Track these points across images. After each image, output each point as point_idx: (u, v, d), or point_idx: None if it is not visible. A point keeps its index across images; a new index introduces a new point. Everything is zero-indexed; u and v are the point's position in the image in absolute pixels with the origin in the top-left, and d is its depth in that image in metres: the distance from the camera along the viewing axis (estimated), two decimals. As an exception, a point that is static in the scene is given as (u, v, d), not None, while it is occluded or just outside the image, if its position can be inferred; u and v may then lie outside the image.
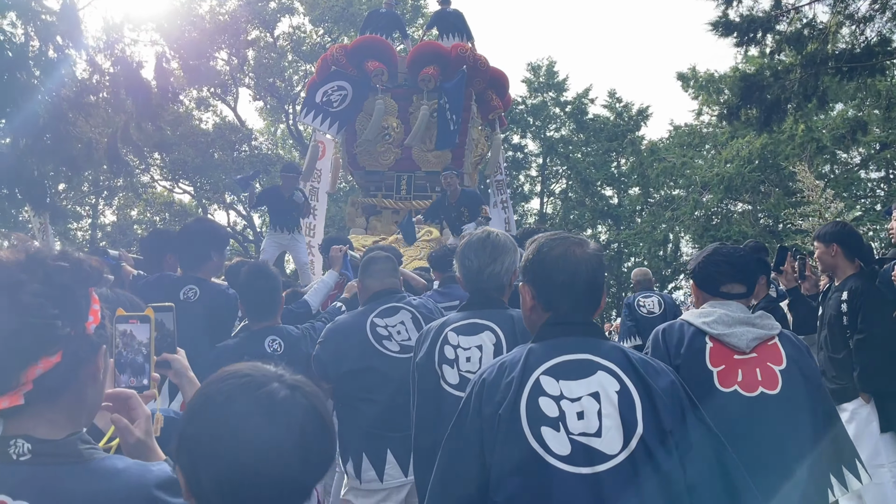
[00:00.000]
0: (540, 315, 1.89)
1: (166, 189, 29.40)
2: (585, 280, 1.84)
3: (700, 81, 24.28)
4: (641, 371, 1.75)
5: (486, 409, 1.74)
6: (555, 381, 1.73)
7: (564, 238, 1.92)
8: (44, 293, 1.12)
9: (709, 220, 23.90)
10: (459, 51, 9.71)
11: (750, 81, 8.56)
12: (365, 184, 10.49)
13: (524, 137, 31.04)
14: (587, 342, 1.81)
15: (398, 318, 3.28)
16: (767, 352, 2.47)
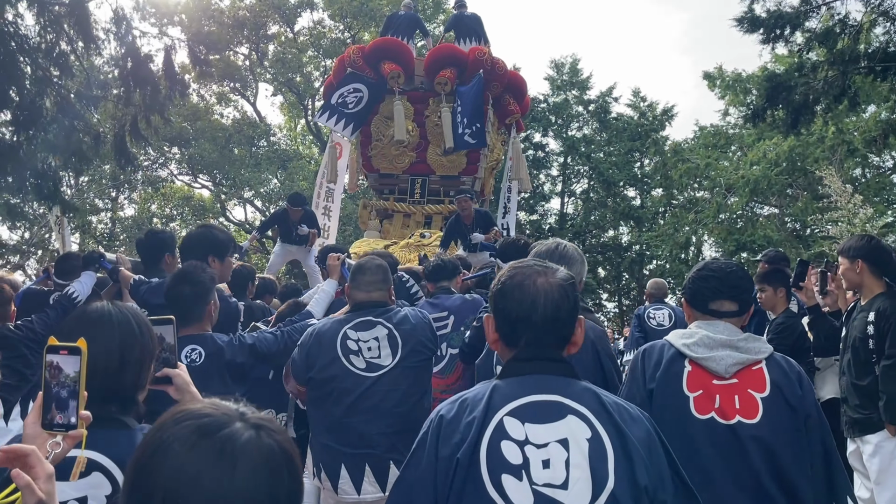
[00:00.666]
0: (503, 350, 1.77)
1: (186, 184, 29.46)
2: (544, 313, 1.68)
3: (727, 81, 23.68)
4: (616, 417, 1.61)
5: (443, 450, 1.60)
6: (520, 424, 1.59)
7: (527, 266, 1.77)
8: None
9: (733, 224, 23.29)
10: (477, 54, 9.61)
11: (776, 81, 8.12)
12: (379, 187, 10.44)
13: (546, 136, 30.59)
14: (557, 381, 1.66)
15: (372, 334, 3.20)
16: (750, 377, 2.29)
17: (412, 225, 10.02)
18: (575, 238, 30.04)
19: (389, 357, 3.18)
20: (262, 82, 29.02)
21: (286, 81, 27.60)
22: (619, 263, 29.02)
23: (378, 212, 10.20)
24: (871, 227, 15.19)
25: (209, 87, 28.52)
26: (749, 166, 21.14)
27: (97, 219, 29.39)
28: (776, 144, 20.56)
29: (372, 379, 3.13)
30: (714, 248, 24.96)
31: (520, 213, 30.06)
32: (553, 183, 31.09)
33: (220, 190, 28.18)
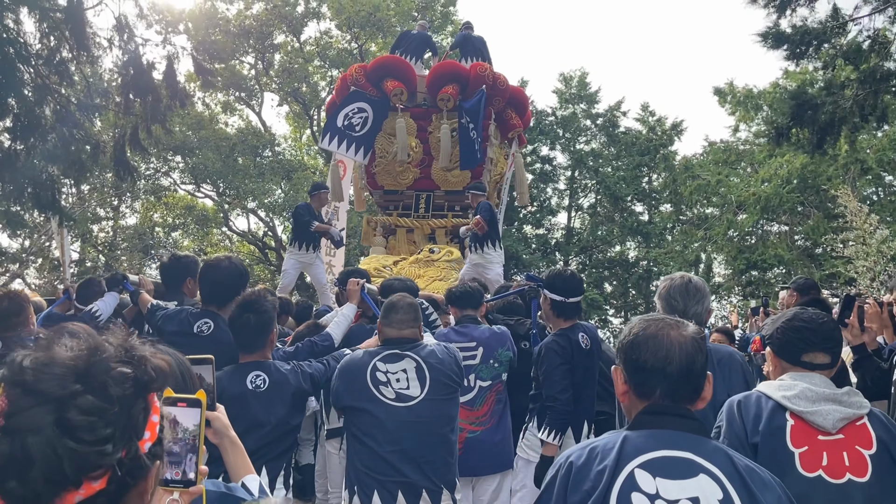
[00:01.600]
0: (633, 401, 1.79)
1: (189, 193, 29.20)
2: (679, 365, 1.71)
3: (738, 97, 23.40)
4: (748, 481, 1.61)
5: (572, 496, 1.64)
6: (651, 478, 1.61)
7: (659, 319, 1.82)
8: (97, 409, 0.93)
9: (743, 242, 22.94)
10: (479, 70, 9.68)
11: (801, 100, 7.78)
12: (384, 203, 10.46)
13: (553, 149, 30.28)
14: (689, 438, 1.67)
15: (401, 366, 3.29)
16: (856, 433, 2.23)
17: (417, 240, 10.01)
18: (581, 253, 29.71)
19: (418, 388, 3.26)
20: (267, 92, 28.81)
21: (292, 91, 27.38)
22: (627, 279, 28.64)
23: (382, 227, 10.19)
24: (886, 249, 14.84)
25: (214, 96, 28.33)
26: (760, 183, 20.81)
27: (98, 227, 29.13)
28: (788, 162, 20.25)
29: (403, 410, 3.22)
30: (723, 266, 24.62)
31: (526, 226, 29.75)
32: (560, 197, 30.77)
33: (223, 200, 27.90)
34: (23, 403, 0.93)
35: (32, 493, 0.90)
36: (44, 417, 0.91)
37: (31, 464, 0.90)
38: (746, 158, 24.35)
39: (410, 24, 26.63)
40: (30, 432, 0.91)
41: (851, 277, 15.72)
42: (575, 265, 30.55)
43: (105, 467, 0.93)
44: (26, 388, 0.93)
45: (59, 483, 0.91)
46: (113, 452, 0.94)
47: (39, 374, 0.94)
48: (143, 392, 1.01)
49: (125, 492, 0.98)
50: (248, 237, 29.66)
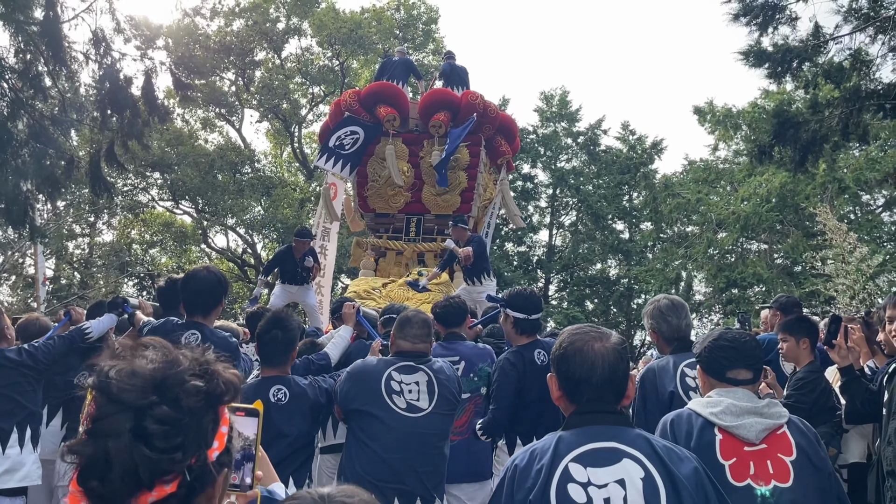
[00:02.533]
0: (566, 405, 2.01)
1: (167, 210, 28.84)
2: (603, 373, 1.93)
3: (717, 116, 23.58)
4: (665, 458, 1.84)
5: (518, 495, 1.84)
6: (583, 469, 1.83)
7: (584, 332, 2.02)
8: (171, 419, 1.01)
9: (723, 260, 23.03)
10: (470, 98, 10.01)
11: (784, 118, 7.79)
12: (374, 225, 10.69)
13: (534, 167, 30.37)
14: (613, 430, 1.90)
15: (414, 378, 3.46)
16: (777, 442, 2.43)
17: (406, 262, 10.19)
18: (563, 270, 29.71)
19: (427, 402, 3.43)
20: (248, 108, 28.63)
21: (272, 108, 27.23)
22: (608, 297, 28.66)
23: (373, 250, 10.41)
24: (866, 267, 14.92)
25: (194, 112, 28.08)
26: (740, 202, 20.93)
27: (74, 244, 28.65)
28: (767, 181, 20.40)
29: (411, 420, 3.37)
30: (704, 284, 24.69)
31: (508, 244, 29.72)
32: (541, 214, 30.82)
33: (202, 216, 27.58)
34: (107, 410, 1.02)
35: (111, 492, 0.99)
36: (123, 424, 0.99)
37: (110, 466, 0.98)
38: (726, 177, 24.51)
39: (392, 43, 26.67)
40: (111, 437, 0.99)
41: (831, 296, 15.79)
42: (556, 283, 30.57)
43: (176, 472, 1.01)
44: (110, 397, 1.02)
45: (135, 485, 0.99)
46: (183, 460, 1.01)
47: (122, 383, 1.02)
48: (214, 404, 1.08)
49: (194, 496, 1.05)
50: (226, 254, 29.32)
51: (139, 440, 0.99)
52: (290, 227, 23.15)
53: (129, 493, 0.99)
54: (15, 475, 3.86)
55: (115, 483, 0.99)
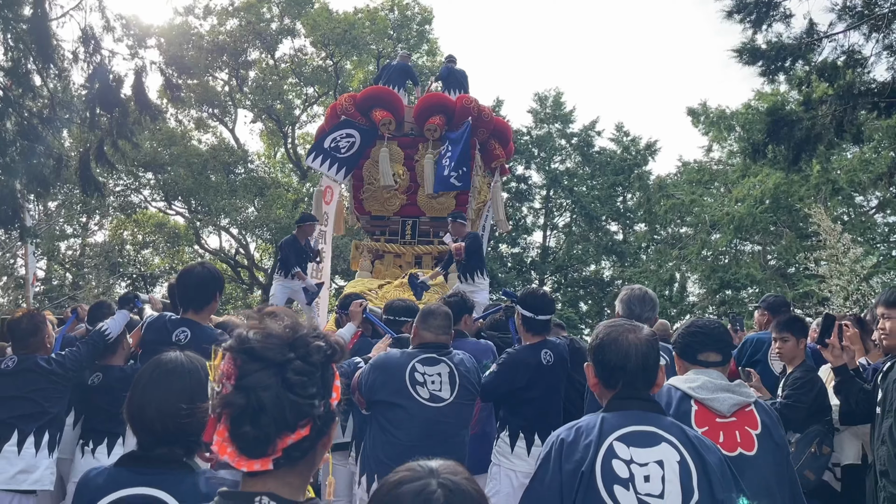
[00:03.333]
0: (602, 391, 2.22)
1: (160, 211, 28.67)
2: (636, 362, 2.14)
3: (711, 117, 23.59)
4: (697, 446, 2.06)
5: (566, 465, 2.02)
6: (626, 447, 2.03)
7: (619, 325, 2.23)
8: (305, 371, 1.23)
9: (717, 261, 23.00)
10: (464, 102, 10.07)
11: (777, 116, 7.74)
12: (371, 228, 10.77)
13: (528, 168, 30.34)
14: (650, 416, 2.11)
15: (437, 370, 3.65)
16: (745, 417, 2.76)
17: (403, 265, 10.26)
18: (557, 272, 29.66)
19: (448, 392, 3.61)
20: (241, 108, 28.50)
21: (266, 108, 27.11)
22: (602, 298, 28.62)
23: (370, 252, 10.47)
24: (859, 268, 14.91)
25: (187, 113, 27.92)
26: (734, 203, 20.92)
27: (66, 245, 28.46)
28: (761, 182, 20.39)
29: (434, 409, 3.55)
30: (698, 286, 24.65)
31: (502, 245, 29.66)
32: (535, 216, 30.77)
33: (195, 217, 27.42)
34: (252, 367, 1.20)
35: (263, 435, 1.18)
36: (271, 378, 1.19)
37: (263, 412, 1.17)
38: (720, 178, 24.51)
39: (386, 44, 26.59)
40: (260, 389, 1.18)
41: (825, 297, 15.77)
42: (550, 284, 30.51)
43: (310, 417, 1.21)
44: (254, 355, 1.20)
45: (282, 427, 1.19)
46: (318, 405, 1.22)
47: (264, 344, 1.21)
48: (331, 360, 1.28)
49: (319, 438, 1.26)
50: (220, 255, 29.16)
51: (286, 389, 1.20)
52: (283, 228, 23.04)
53: (276, 435, 1.19)
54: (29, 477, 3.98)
55: (268, 426, 1.19)
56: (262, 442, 1.19)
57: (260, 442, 1.19)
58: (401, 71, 11.43)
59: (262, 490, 1.24)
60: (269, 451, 1.20)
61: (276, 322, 1.26)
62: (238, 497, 1.26)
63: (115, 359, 4.52)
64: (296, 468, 1.27)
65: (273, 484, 1.24)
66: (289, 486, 1.26)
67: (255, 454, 1.21)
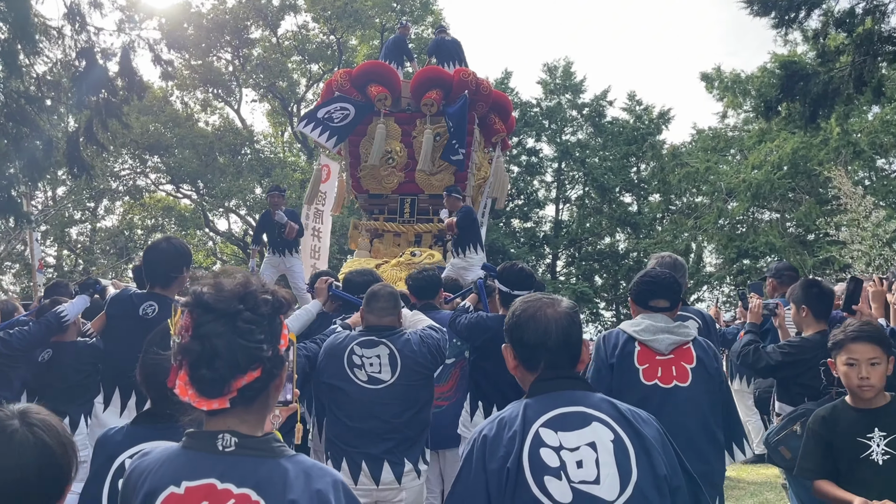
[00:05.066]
0: (524, 373, 2.05)
1: (169, 194, 28.50)
2: (557, 339, 1.98)
3: (725, 82, 22.85)
4: (632, 420, 1.91)
5: (490, 464, 1.86)
6: (553, 433, 1.87)
7: (536, 300, 2.07)
8: (254, 321, 1.39)
9: (734, 230, 22.41)
10: (462, 76, 9.78)
11: (792, 70, 7.24)
12: (369, 207, 10.61)
13: (539, 141, 29.71)
14: (578, 395, 1.96)
15: (375, 352, 3.64)
16: (683, 354, 3.12)
17: (402, 244, 10.06)
18: (570, 245, 29.19)
19: (389, 374, 3.60)
20: (245, 88, 28.12)
21: (270, 87, 26.71)
22: (617, 271, 28.12)
23: (369, 231, 10.30)
24: (882, 232, 14.34)
25: (192, 94, 27.63)
26: (750, 170, 20.28)
27: (77, 230, 28.41)
28: (778, 147, 19.74)
29: (372, 391, 3.57)
30: (714, 256, 24.08)
31: (513, 220, 29.20)
32: (547, 189, 30.21)
33: (202, 199, 27.21)
34: (206, 318, 1.38)
35: (219, 376, 1.35)
36: (223, 326, 1.37)
37: (217, 356, 1.35)
38: (735, 145, 23.81)
39: (388, 17, 26.01)
40: (215, 336, 1.36)
41: (846, 263, 15.24)
42: (564, 258, 30.07)
43: (260, 361, 1.38)
44: (207, 308, 1.38)
45: (235, 369, 1.36)
46: (266, 350, 1.39)
47: (215, 297, 1.39)
48: (278, 312, 1.45)
49: (270, 380, 1.43)
50: (230, 237, 28.97)
51: (237, 336, 1.35)
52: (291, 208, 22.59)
53: (230, 377, 1.35)
54: None
55: (222, 369, 1.34)
56: (218, 383, 1.35)
57: (216, 383, 1.35)
58: (395, 45, 11.18)
59: (223, 428, 1.40)
60: (224, 392, 1.36)
61: (228, 279, 1.42)
62: (202, 435, 1.42)
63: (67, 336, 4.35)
64: (251, 407, 1.42)
65: (233, 421, 1.41)
66: (246, 424, 1.42)
67: (212, 394, 1.36)
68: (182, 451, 1.44)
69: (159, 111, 25.23)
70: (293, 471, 1.41)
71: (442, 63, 10.75)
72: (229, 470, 1.37)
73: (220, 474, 1.37)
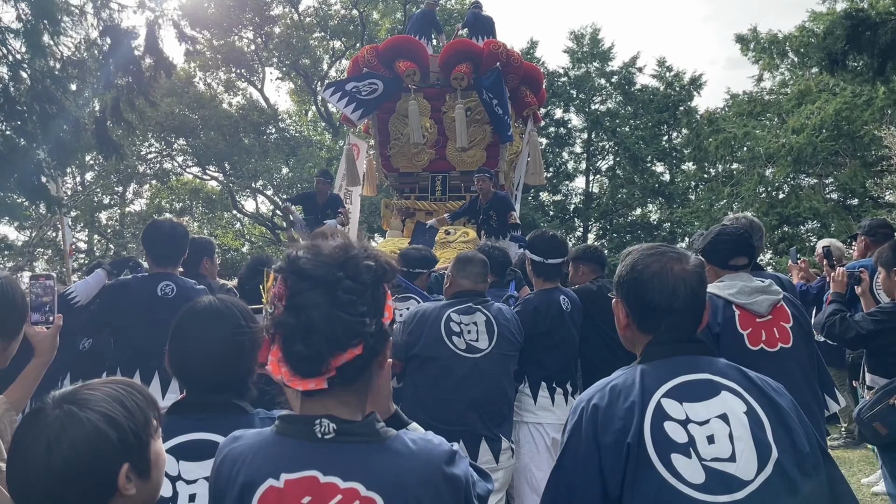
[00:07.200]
0: (636, 334, 1.81)
1: (196, 177, 28.46)
2: (685, 300, 1.73)
3: (762, 43, 22.02)
4: (764, 389, 1.68)
5: (604, 438, 1.63)
6: (678, 404, 1.63)
7: (659, 252, 1.81)
8: (355, 290, 1.23)
9: (773, 196, 21.75)
10: (492, 48, 9.45)
11: (857, 20, 6.72)
12: (399, 186, 10.46)
13: (567, 111, 29.11)
14: (701, 361, 1.72)
15: (473, 319, 3.50)
16: (779, 313, 3.03)
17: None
18: (601, 217, 28.69)
19: (486, 342, 3.47)
20: (268, 66, 27.86)
21: (292, 64, 26.42)
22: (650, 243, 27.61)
23: (400, 211, 10.09)
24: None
25: (216, 75, 27.47)
26: (790, 133, 19.58)
27: (107, 215, 28.54)
28: (820, 108, 19.03)
29: (471, 360, 3.41)
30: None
31: (542, 193, 28.74)
32: (577, 161, 29.66)
33: (229, 181, 27.13)
34: (301, 287, 1.22)
35: (315, 353, 1.21)
36: (320, 297, 1.21)
37: (314, 331, 1.20)
38: (773, 109, 23.03)
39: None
40: (311, 308, 1.21)
41: (896, 227, 14.62)
42: (595, 231, 29.58)
43: (362, 336, 1.23)
44: (303, 275, 1.23)
45: (334, 345, 1.21)
46: (368, 324, 1.23)
47: (313, 263, 1.24)
48: (382, 280, 1.30)
49: (373, 357, 1.28)
50: (257, 218, 28.90)
51: (336, 308, 1.21)
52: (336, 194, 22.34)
53: (328, 354, 1.22)
54: None
55: (319, 345, 1.21)
56: (315, 361, 1.22)
57: (312, 361, 1.22)
58: (424, 18, 10.90)
59: (322, 412, 1.27)
60: (322, 370, 1.23)
61: (326, 243, 1.28)
62: (298, 420, 1.30)
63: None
64: (351, 388, 1.28)
65: (331, 403, 1.27)
66: (347, 406, 1.28)
67: (308, 373, 1.23)
68: (277, 437, 1.30)
69: (183, 93, 25.12)
70: (406, 454, 1.27)
71: (474, 36, 10.50)
72: (332, 460, 1.24)
73: (323, 466, 1.24)
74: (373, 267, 1.27)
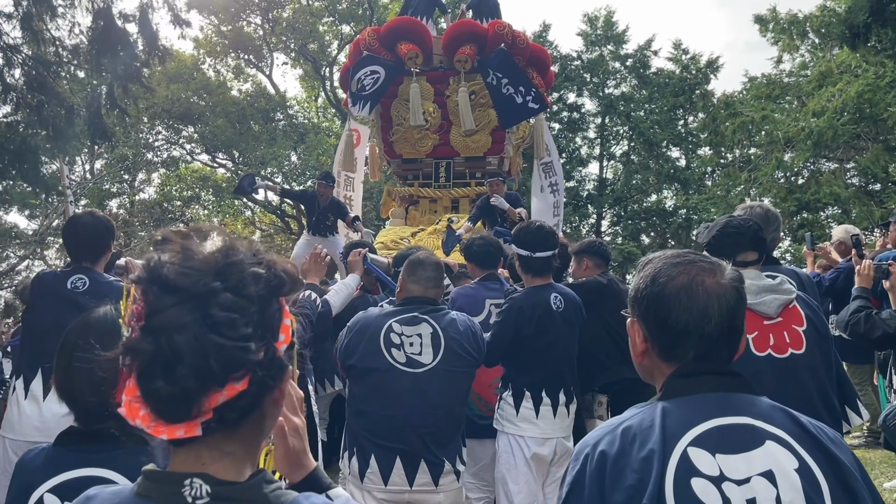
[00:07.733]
0: (656, 362, 1.46)
1: (205, 164, 28.26)
2: (719, 322, 1.38)
3: (781, 24, 21.34)
4: (821, 440, 1.32)
5: (613, 495, 1.28)
6: (710, 456, 1.29)
7: (690, 262, 1.46)
8: (236, 306, 0.92)
9: (792, 182, 21.16)
10: (497, 29, 9.12)
11: (883, -9, 6.24)
12: (402, 172, 10.18)
13: (580, 96, 28.54)
14: (740, 399, 1.36)
15: (417, 330, 3.22)
16: (790, 315, 2.66)
17: (439, 210, 9.63)
18: (616, 204, 28.19)
19: (430, 356, 3.18)
20: (276, 52, 27.54)
21: (300, 49, 26.08)
22: (665, 230, 27.09)
23: (403, 198, 9.85)
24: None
25: (224, 61, 27.20)
26: (810, 117, 18.98)
27: (117, 203, 28.44)
28: (841, 91, 18.39)
29: (411, 375, 3.15)
30: (770, 209, 22.80)
31: (555, 179, 28.24)
32: (590, 146, 29.12)
33: (238, 168, 26.95)
34: (164, 302, 0.91)
35: (181, 390, 0.89)
36: (187, 314, 0.90)
37: (178, 360, 0.89)
38: (792, 91, 22.37)
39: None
40: (174, 330, 0.89)
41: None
42: (609, 217, 29.08)
43: (247, 367, 0.92)
44: (166, 286, 0.91)
45: (206, 380, 0.90)
46: (255, 350, 0.92)
47: (179, 271, 0.91)
48: (276, 294, 0.99)
49: (265, 394, 0.97)
50: (267, 206, 28.68)
51: (209, 330, 0.89)
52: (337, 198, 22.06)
53: (200, 391, 0.90)
54: None
55: (187, 379, 0.89)
56: (182, 400, 0.90)
57: (178, 400, 0.90)
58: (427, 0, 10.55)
59: (195, 469, 0.94)
60: (193, 413, 0.91)
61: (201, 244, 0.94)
62: (164, 479, 0.96)
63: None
64: (235, 435, 0.96)
65: (208, 456, 0.95)
66: (229, 459, 0.96)
67: (175, 417, 0.91)
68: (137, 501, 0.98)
69: (190, 79, 24.90)
70: None
71: (479, 17, 10.16)
72: None
73: None
74: (263, 276, 0.96)
